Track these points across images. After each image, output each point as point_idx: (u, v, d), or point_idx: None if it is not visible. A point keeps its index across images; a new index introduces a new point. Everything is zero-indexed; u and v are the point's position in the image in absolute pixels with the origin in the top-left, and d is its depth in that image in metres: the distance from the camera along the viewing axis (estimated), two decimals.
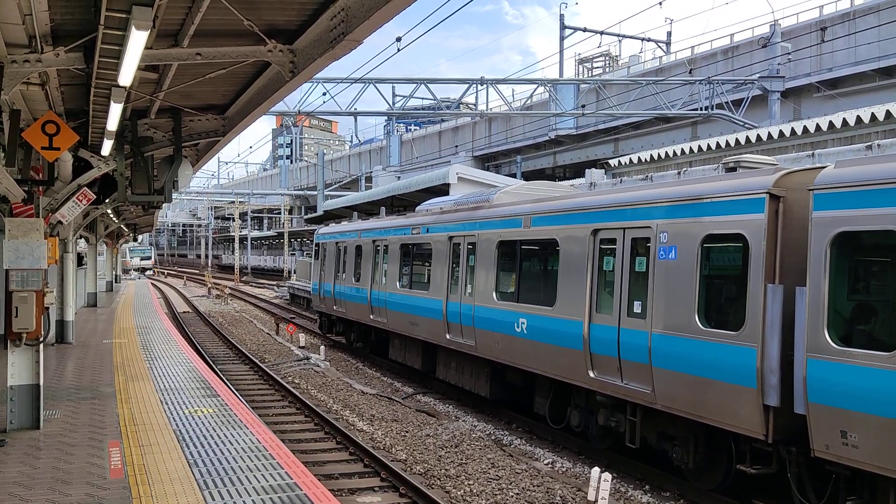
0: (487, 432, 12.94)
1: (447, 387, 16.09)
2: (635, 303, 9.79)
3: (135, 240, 61.54)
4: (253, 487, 6.83)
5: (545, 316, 11.62)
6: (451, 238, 15.15)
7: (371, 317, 19.24)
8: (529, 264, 12.77)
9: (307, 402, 14.70)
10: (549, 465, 11.05)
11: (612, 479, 9.44)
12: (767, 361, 7.82)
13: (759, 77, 30.72)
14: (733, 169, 9.31)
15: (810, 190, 7.46)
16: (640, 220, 9.79)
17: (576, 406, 11.54)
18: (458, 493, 9.69)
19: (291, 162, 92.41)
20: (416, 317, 16.34)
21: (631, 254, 9.99)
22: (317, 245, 25.42)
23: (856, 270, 7.37)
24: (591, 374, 10.50)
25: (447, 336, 14.83)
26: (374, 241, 19.55)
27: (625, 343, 9.83)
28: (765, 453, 8.21)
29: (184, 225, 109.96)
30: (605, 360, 10.20)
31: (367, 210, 30.88)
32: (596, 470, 9.35)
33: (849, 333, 7.20)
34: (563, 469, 10.89)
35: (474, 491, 9.76)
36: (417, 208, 18.69)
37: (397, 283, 17.68)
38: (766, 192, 7.97)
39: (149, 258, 78.25)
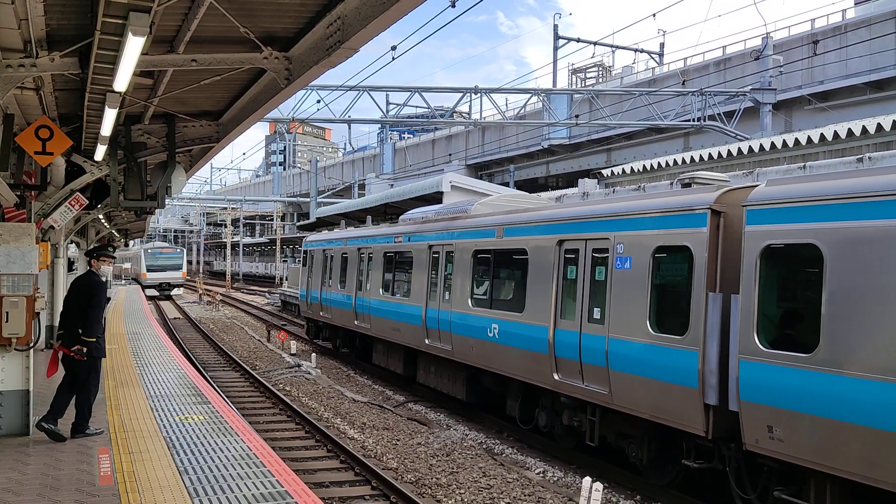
0: (479, 441, 12.92)
1: (437, 394, 16.07)
2: (595, 309, 10.38)
3: (127, 245, 59.58)
4: (244, 495, 6.80)
5: (515, 321, 12.18)
6: (430, 247, 15.68)
7: (356, 322, 19.67)
8: (502, 273, 13.43)
9: (298, 409, 14.65)
10: (541, 475, 11.04)
11: (604, 489, 9.44)
12: (707, 363, 8.42)
13: (751, 89, 30.94)
14: (688, 185, 9.83)
15: (743, 206, 8.09)
16: (600, 232, 10.45)
17: (543, 407, 12.09)
18: (450, 501, 9.68)
19: (284, 169, 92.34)
20: (397, 322, 16.82)
21: (591, 263, 10.61)
22: (305, 252, 25.87)
23: (782, 280, 8.02)
24: (556, 377, 11.03)
25: (426, 341, 15.31)
26: (359, 249, 20.01)
27: (585, 347, 10.42)
28: (708, 449, 8.78)
29: (175, 231, 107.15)
30: (569, 363, 10.77)
31: (360, 218, 30.82)
32: (587, 480, 9.34)
33: (775, 337, 7.79)
34: (555, 478, 10.88)
35: (465, 500, 9.75)
36: (401, 217, 19.17)
37: (380, 290, 18.15)
38: (708, 208, 8.61)
39: (179, 267, 51.45)
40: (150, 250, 52.22)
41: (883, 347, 6.59)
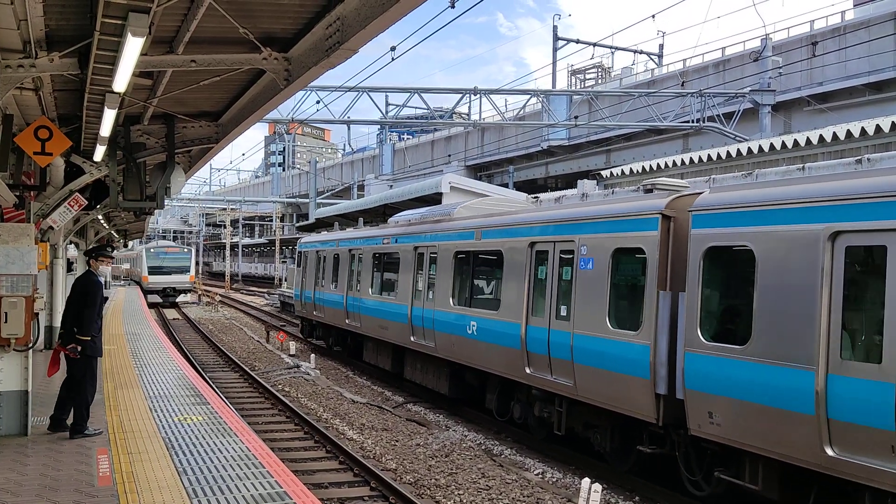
0: (478, 442, 12.92)
1: (434, 395, 16.08)
2: (562, 307, 11.12)
3: (125, 245, 58.23)
4: (242, 496, 6.80)
5: (491, 319, 12.90)
6: (416, 248, 16.36)
7: (347, 321, 20.35)
8: (480, 273, 14.19)
9: (297, 410, 14.65)
10: (540, 476, 11.04)
11: (602, 490, 9.44)
12: (658, 356, 9.13)
13: (750, 90, 30.93)
14: (650, 190, 10.45)
15: (689, 211, 8.85)
16: (566, 235, 11.14)
17: (518, 400, 12.73)
18: (449, 502, 9.68)
19: (284, 169, 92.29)
20: (385, 321, 17.47)
21: (559, 264, 11.33)
22: (299, 253, 26.63)
23: (721, 279, 8.72)
24: (528, 371, 11.72)
25: (412, 338, 15.98)
26: (350, 251, 20.73)
27: (553, 342, 11.11)
28: (661, 436, 9.48)
29: (174, 232, 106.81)
30: (539, 357, 11.46)
31: (359, 218, 30.87)
32: (586, 481, 9.34)
33: (715, 331, 8.53)
34: (554, 480, 10.88)
35: (464, 501, 9.75)
36: (390, 220, 20.03)
37: (370, 290, 18.84)
38: (659, 213, 9.32)
39: (186, 269, 43.90)
40: (152, 250, 44.45)
41: (799, 339, 7.31)
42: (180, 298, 43.33)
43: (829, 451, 7.00)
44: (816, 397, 7.06)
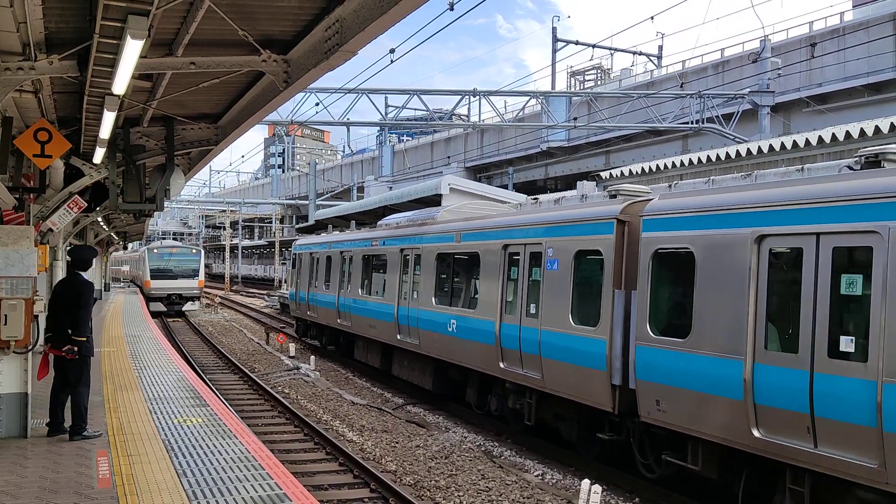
0: (477, 443, 12.92)
1: (434, 396, 16.10)
2: (531, 305, 11.86)
3: (125, 247, 57.04)
4: (242, 498, 6.80)
5: (469, 317, 13.70)
6: (402, 250, 17.11)
7: (338, 321, 21.09)
8: (459, 273, 14.96)
9: (297, 412, 14.65)
10: (539, 477, 11.04)
11: (602, 492, 9.45)
12: (613, 350, 9.93)
13: (750, 91, 30.93)
14: (615, 196, 11.13)
15: (640, 216, 9.64)
16: (535, 238, 11.93)
17: (494, 394, 13.44)
18: None
19: (283, 171, 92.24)
20: (374, 320, 18.24)
21: (529, 265, 12.08)
22: (294, 255, 27.35)
23: (667, 278, 9.46)
24: (502, 366, 12.48)
25: (398, 337, 16.73)
26: (341, 252, 21.49)
27: (524, 338, 11.87)
28: (618, 424, 10.26)
29: (174, 234, 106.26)
30: (512, 353, 12.23)
31: (359, 220, 30.87)
32: (586, 482, 9.35)
33: (662, 326, 9.29)
34: (553, 481, 10.88)
35: (464, 502, 9.75)
36: (378, 223, 20.86)
37: (359, 290, 19.55)
38: (615, 218, 10.12)
39: (195, 273, 38.43)
40: (155, 250, 39.18)
41: (730, 332, 8.07)
42: (187, 307, 37.36)
43: (756, 433, 7.76)
44: (745, 384, 7.85)
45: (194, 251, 40.72)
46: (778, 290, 7.91)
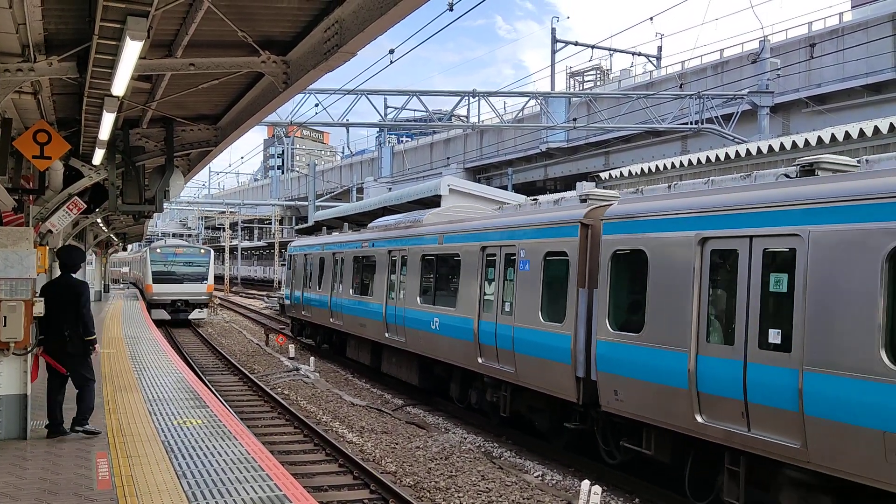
0: (477, 444, 12.92)
1: (433, 397, 16.11)
2: (506, 303, 12.61)
3: (124, 248, 56.61)
4: (242, 499, 6.80)
5: (450, 315, 14.41)
6: (389, 252, 17.88)
7: (331, 320, 21.81)
8: (442, 274, 15.52)
9: (297, 413, 14.64)
10: (539, 478, 11.04)
11: (602, 493, 9.45)
12: (577, 344, 10.68)
13: (749, 92, 30.96)
14: (585, 200, 11.78)
15: (601, 220, 10.44)
16: (509, 240, 12.64)
17: (474, 388, 14.22)
18: None
19: (283, 172, 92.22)
20: (364, 319, 18.95)
21: (504, 266, 12.84)
22: (289, 257, 28.06)
23: (624, 277, 10.11)
24: (480, 361, 13.21)
25: (386, 335, 17.46)
26: (333, 254, 22.23)
27: (499, 335, 12.59)
28: (583, 413, 11.00)
29: (173, 235, 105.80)
30: (489, 348, 12.97)
31: (358, 221, 30.91)
32: (586, 483, 9.35)
33: (619, 322, 9.99)
34: (553, 482, 10.88)
35: (464, 503, 9.74)
36: (368, 225, 21.68)
37: (350, 290, 20.25)
38: (579, 222, 10.90)
39: (203, 277, 33.67)
40: (158, 250, 34.34)
41: (677, 326, 8.81)
42: (194, 315, 33.05)
43: (700, 419, 8.50)
44: (689, 375, 8.57)
45: (202, 251, 35.62)
46: (718, 288, 8.62)
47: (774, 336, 7.71)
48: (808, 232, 7.42)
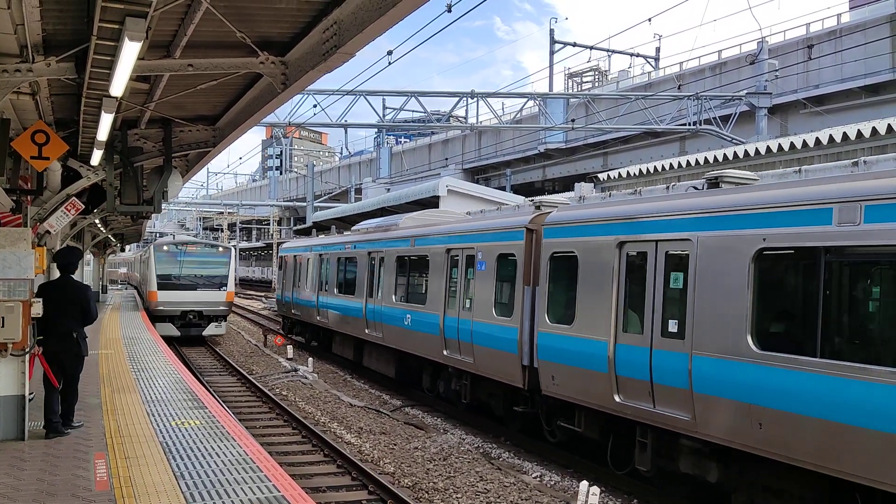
0: (475, 445, 12.92)
1: (431, 398, 16.12)
2: (467, 300, 13.96)
3: (122, 249, 56.20)
4: (240, 500, 6.79)
5: (420, 312, 15.72)
6: (369, 253, 19.16)
7: (318, 318, 23.05)
8: (413, 274, 16.80)
9: (295, 414, 14.63)
10: (538, 479, 11.04)
11: (601, 493, 9.45)
12: (523, 335, 12.01)
13: (747, 93, 30.94)
14: (539, 207, 12.96)
15: (542, 226, 11.87)
16: (469, 243, 14.13)
17: (442, 378, 15.50)
18: None
19: (281, 173, 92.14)
20: (347, 317, 20.18)
21: (465, 266, 14.20)
22: (280, 258, 29.08)
23: (560, 277, 11.41)
24: (445, 353, 14.55)
25: (366, 331, 18.72)
26: (320, 255, 23.38)
27: (461, 329, 13.96)
28: (529, 398, 12.30)
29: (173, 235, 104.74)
30: (453, 342, 14.26)
31: (356, 222, 30.92)
32: (584, 484, 9.36)
33: (556, 315, 11.33)
34: (552, 483, 10.88)
35: None
36: (352, 228, 22.85)
37: (335, 290, 21.49)
38: (525, 227, 12.29)
39: (221, 282, 27.08)
40: (165, 247, 27.44)
41: (600, 318, 10.17)
42: (210, 330, 26.41)
43: (617, 398, 9.84)
44: (609, 360, 9.96)
45: (221, 249, 28.50)
46: (632, 285, 9.92)
47: (672, 326, 9.11)
48: (697, 237, 8.80)
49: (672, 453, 9.40)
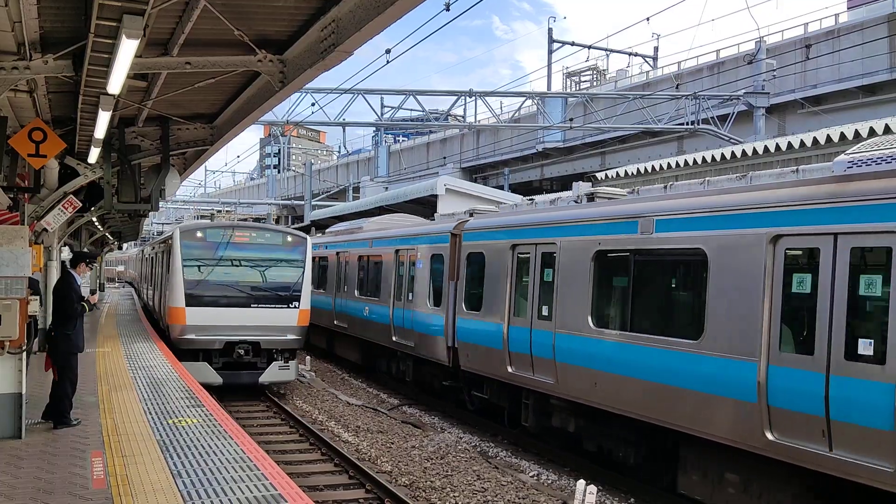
0: (473, 444, 12.92)
1: (430, 397, 16.12)
2: (409, 293, 16.44)
3: (119, 247, 56.81)
4: (237, 499, 6.78)
5: (376, 304, 18.32)
6: (338, 253, 21.82)
7: None
8: (372, 271, 19.19)
9: (292, 412, 14.63)
10: (535, 478, 11.04)
11: (598, 492, 9.45)
12: (448, 322, 14.49)
13: (745, 93, 30.95)
14: (472, 214, 15.47)
15: (462, 231, 14.45)
16: (411, 244, 16.68)
17: (393, 361, 18.04)
18: None
19: (279, 172, 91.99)
20: (321, 310, 21.75)
21: (409, 264, 16.67)
22: None
23: (474, 273, 13.89)
24: (394, 339, 17.05)
25: (335, 322, 21.35)
26: None
27: (405, 318, 16.50)
28: (455, 374, 14.56)
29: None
30: (400, 329, 16.80)
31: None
32: (581, 482, 9.36)
33: (470, 304, 13.85)
34: (549, 481, 10.88)
35: (460, 503, 9.74)
36: (327, 230, 25.43)
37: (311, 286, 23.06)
38: (450, 232, 14.83)
39: (294, 297, 16.38)
40: (199, 233, 16.81)
41: (499, 306, 12.71)
42: (273, 376, 16.26)
43: (510, 370, 12.33)
44: (503, 339, 12.48)
45: (290, 239, 17.53)
46: (522, 279, 12.36)
47: (544, 311, 11.60)
48: (560, 241, 11.33)
49: (547, 411, 11.86)
